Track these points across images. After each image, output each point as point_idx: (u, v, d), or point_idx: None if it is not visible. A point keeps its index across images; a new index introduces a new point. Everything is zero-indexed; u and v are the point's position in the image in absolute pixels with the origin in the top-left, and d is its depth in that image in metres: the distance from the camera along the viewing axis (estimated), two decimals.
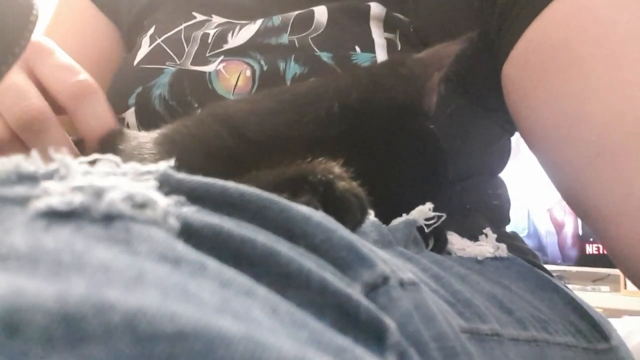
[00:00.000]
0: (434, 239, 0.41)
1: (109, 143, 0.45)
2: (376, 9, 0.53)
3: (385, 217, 0.36)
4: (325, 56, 0.51)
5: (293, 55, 0.51)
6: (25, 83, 0.43)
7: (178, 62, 0.56)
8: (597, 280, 2.56)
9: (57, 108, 0.45)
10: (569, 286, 0.54)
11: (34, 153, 0.21)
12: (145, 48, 0.60)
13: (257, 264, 0.19)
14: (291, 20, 0.54)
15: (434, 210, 0.39)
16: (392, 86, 0.41)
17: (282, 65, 0.51)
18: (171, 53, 0.57)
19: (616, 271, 2.44)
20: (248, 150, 0.38)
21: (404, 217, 0.38)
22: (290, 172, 0.32)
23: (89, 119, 0.46)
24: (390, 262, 0.26)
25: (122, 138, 0.45)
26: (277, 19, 0.55)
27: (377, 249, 0.27)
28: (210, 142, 0.39)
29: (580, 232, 2.52)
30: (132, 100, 0.56)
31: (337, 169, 0.33)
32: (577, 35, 0.45)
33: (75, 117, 0.46)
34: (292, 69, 0.51)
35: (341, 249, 0.23)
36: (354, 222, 0.31)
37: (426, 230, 0.39)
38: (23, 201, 0.18)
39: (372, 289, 0.22)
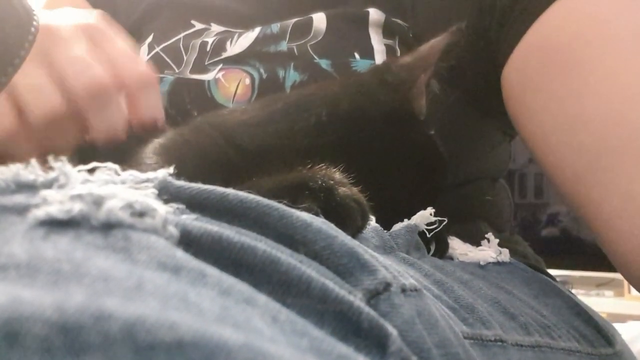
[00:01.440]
0: (434, 244, 0.41)
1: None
2: (375, 15, 0.53)
3: (383, 223, 0.36)
4: (324, 63, 0.51)
5: (292, 63, 0.51)
6: (91, 56, 0.40)
7: (177, 70, 0.56)
8: (601, 285, 2.55)
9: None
10: (573, 291, 0.54)
11: (33, 161, 0.21)
12: (143, 57, 0.60)
13: (257, 271, 0.19)
14: (290, 28, 0.54)
15: (435, 215, 0.39)
16: (378, 94, 0.41)
17: (281, 72, 0.51)
18: (170, 62, 0.57)
19: (620, 276, 2.42)
20: (243, 158, 0.38)
21: (405, 222, 0.38)
22: (290, 179, 0.32)
23: (144, 109, 0.44)
24: (391, 268, 0.26)
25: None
26: (275, 27, 0.55)
27: (379, 255, 0.27)
28: (208, 150, 0.39)
29: None
30: None
31: (337, 175, 0.33)
32: (576, 38, 0.45)
33: (133, 103, 0.43)
34: (292, 76, 0.51)
35: (342, 256, 0.22)
36: (354, 228, 0.31)
37: (428, 235, 0.39)
38: (22, 210, 0.17)
39: (374, 296, 0.22)
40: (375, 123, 0.40)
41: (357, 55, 0.51)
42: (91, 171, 0.21)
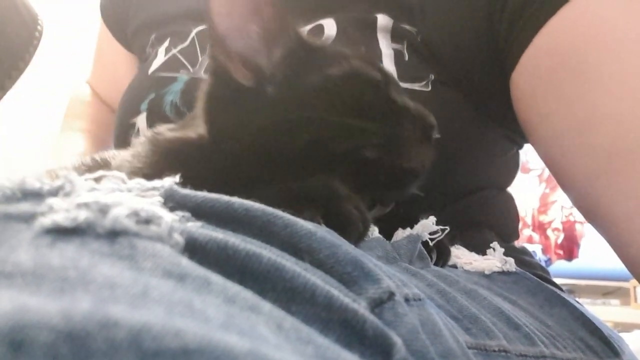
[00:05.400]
0: (436, 252, 0.41)
1: None
2: (383, 20, 0.54)
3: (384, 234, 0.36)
4: None
5: None
6: None
7: (192, 70, 0.58)
8: (607, 293, 2.54)
9: None
10: (579, 300, 0.54)
11: (40, 170, 0.21)
12: (160, 57, 0.62)
13: (262, 279, 0.19)
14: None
15: (443, 223, 0.39)
16: None
17: None
18: (186, 62, 0.59)
19: (626, 284, 2.42)
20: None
21: (408, 231, 0.38)
22: (293, 188, 0.32)
23: None
24: (395, 278, 0.26)
25: None
26: None
27: (382, 265, 0.27)
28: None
29: None
30: (144, 106, 0.58)
31: (337, 184, 0.33)
32: (586, 41, 0.45)
33: None
34: None
35: (346, 264, 0.22)
36: (357, 235, 0.31)
37: (430, 243, 0.39)
38: (28, 218, 0.18)
39: (378, 305, 0.22)
40: None
41: None
42: (98, 179, 0.21)
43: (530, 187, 2.75)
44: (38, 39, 0.31)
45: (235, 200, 0.23)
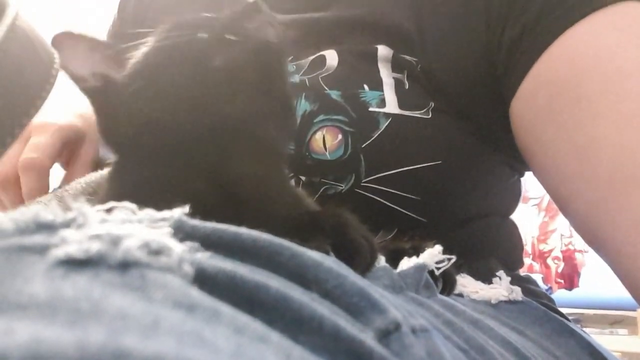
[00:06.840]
0: (442, 281, 0.41)
1: None
2: (383, 51, 0.55)
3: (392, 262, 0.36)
4: (334, 94, 0.53)
5: (303, 94, 0.53)
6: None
7: None
8: (615, 323, 2.50)
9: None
10: (586, 329, 0.53)
11: (53, 202, 0.22)
12: None
13: (270, 309, 0.19)
14: (305, 66, 0.56)
15: (447, 252, 0.39)
16: None
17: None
18: None
19: (633, 313, 2.38)
20: None
21: (414, 260, 0.38)
22: (301, 217, 0.33)
23: None
24: (401, 308, 0.26)
25: None
26: (292, 67, 0.57)
27: (389, 295, 0.27)
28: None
29: None
30: None
31: (346, 213, 0.33)
32: (584, 70, 0.45)
33: None
34: (303, 106, 0.52)
35: (353, 295, 0.23)
36: (364, 265, 0.31)
37: (436, 272, 0.39)
38: (42, 250, 0.18)
39: (385, 335, 0.22)
40: None
41: (366, 87, 0.53)
42: (109, 211, 0.21)
43: (530, 216, 2.75)
44: (55, 76, 0.32)
45: (243, 231, 0.23)
